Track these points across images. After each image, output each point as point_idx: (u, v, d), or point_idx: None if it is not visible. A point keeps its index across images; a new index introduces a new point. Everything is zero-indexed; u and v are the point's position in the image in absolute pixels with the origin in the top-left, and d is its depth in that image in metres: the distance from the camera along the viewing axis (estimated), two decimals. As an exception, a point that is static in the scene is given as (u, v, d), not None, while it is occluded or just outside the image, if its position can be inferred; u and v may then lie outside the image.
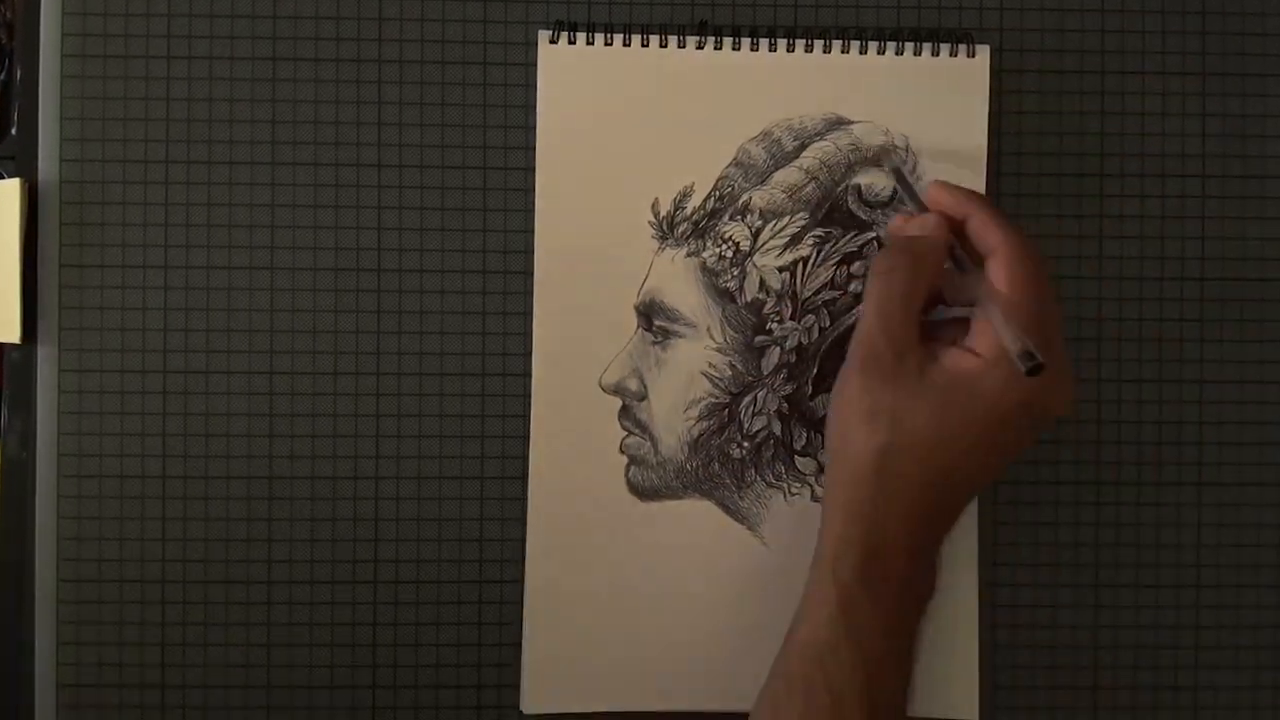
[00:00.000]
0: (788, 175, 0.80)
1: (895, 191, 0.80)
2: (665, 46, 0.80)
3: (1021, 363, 0.67)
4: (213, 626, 0.81)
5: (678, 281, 0.80)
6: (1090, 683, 0.83)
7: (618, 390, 0.80)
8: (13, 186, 0.80)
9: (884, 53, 0.80)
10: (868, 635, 0.69)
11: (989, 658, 0.82)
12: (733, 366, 0.80)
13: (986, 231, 0.72)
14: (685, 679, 0.81)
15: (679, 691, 0.81)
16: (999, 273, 0.71)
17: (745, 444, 0.80)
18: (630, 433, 0.80)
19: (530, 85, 0.80)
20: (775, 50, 0.80)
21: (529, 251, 0.80)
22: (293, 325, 0.81)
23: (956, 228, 0.74)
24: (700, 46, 0.80)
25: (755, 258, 0.80)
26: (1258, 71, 0.83)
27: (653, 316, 0.80)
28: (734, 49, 0.80)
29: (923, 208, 0.76)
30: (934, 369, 0.71)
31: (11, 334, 0.80)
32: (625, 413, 0.80)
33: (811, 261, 0.80)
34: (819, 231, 0.80)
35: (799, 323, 0.80)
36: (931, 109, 0.80)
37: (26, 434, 0.81)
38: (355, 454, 0.81)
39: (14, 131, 0.81)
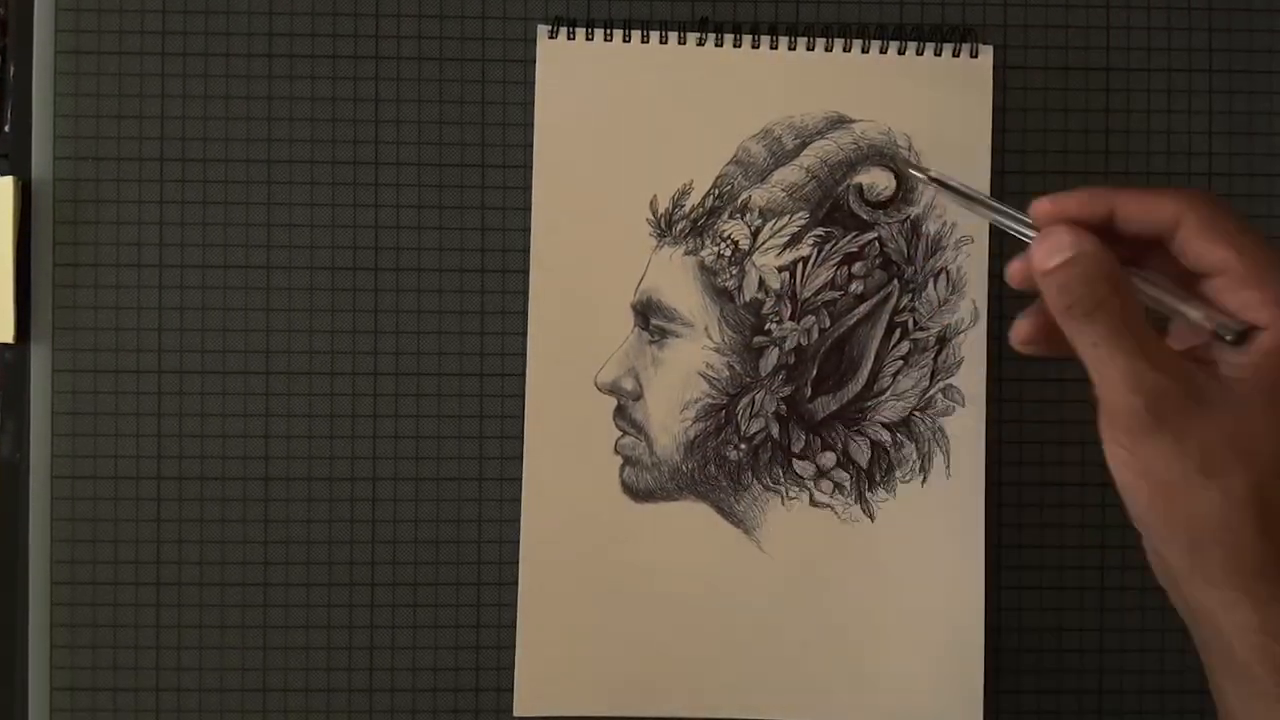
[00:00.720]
0: (788, 174, 0.79)
1: (897, 191, 0.79)
2: (665, 43, 0.79)
3: None
4: (208, 630, 0.80)
5: (675, 280, 0.79)
6: (1096, 688, 0.82)
7: (613, 389, 0.79)
8: (6, 185, 0.79)
9: (886, 50, 0.79)
10: None
11: (993, 664, 0.81)
12: (730, 367, 0.79)
13: (1152, 206, 0.60)
14: (680, 684, 0.80)
15: (674, 696, 0.80)
16: (1205, 242, 0.59)
17: (742, 446, 0.80)
18: (625, 433, 0.79)
19: (529, 82, 0.80)
20: (776, 47, 0.79)
21: (527, 250, 0.80)
22: (289, 325, 0.80)
23: (1100, 228, 0.62)
24: (701, 43, 0.79)
25: (754, 257, 0.79)
26: (1266, 69, 0.82)
27: (650, 315, 0.79)
28: (735, 46, 0.79)
29: (1027, 224, 0.64)
30: (1228, 371, 0.59)
31: (4, 333, 0.79)
32: (620, 412, 0.79)
33: (811, 261, 0.79)
34: (819, 231, 0.79)
35: (798, 323, 0.79)
36: (934, 107, 0.79)
37: (19, 435, 0.81)
38: (351, 455, 0.81)
39: (7, 129, 0.81)
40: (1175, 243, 0.60)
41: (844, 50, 0.79)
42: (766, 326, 0.79)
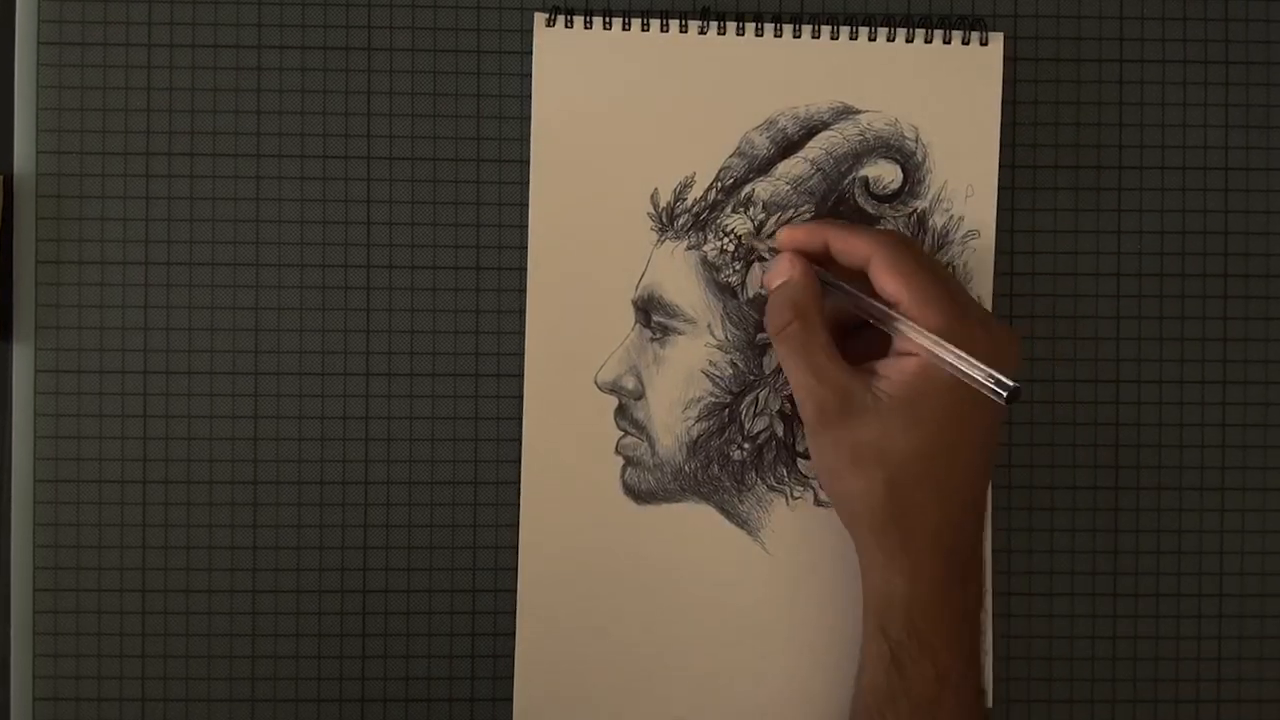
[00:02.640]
0: (792, 166, 0.78)
1: (904, 184, 0.78)
2: (666, 31, 0.78)
3: (999, 396, 0.66)
4: (195, 637, 0.79)
5: (677, 276, 0.78)
6: (1108, 696, 0.81)
7: (614, 388, 0.78)
8: (-13, 179, 0.78)
9: (894, 39, 0.78)
10: (920, 684, 0.70)
11: (1000, 670, 0.80)
12: (734, 365, 0.78)
13: (850, 245, 0.73)
14: (683, 689, 0.79)
15: (676, 702, 0.79)
16: (886, 278, 0.71)
17: (746, 445, 0.79)
18: (627, 433, 0.78)
19: (526, 73, 0.79)
20: (781, 36, 0.78)
21: (525, 247, 0.78)
22: (278, 324, 0.79)
23: (821, 258, 0.75)
24: (703, 31, 0.78)
25: (758, 252, 0.78)
26: (1282, 60, 0.81)
27: (651, 312, 0.78)
28: (738, 34, 0.78)
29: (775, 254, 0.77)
30: (883, 387, 0.71)
31: (-15, 332, 0.78)
32: (622, 412, 0.78)
33: (817, 256, 0.77)
34: None
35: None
36: (942, 98, 0.78)
37: (1, 436, 0.79)
38: (343, 458, 0.79)
39: (-12, 123, 0.80)
40: (869, 275, 0.72)
41: (850, 38, 0.78)
42: None
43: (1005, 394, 0.66)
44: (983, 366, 0.67)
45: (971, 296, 0.75)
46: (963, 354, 0.67)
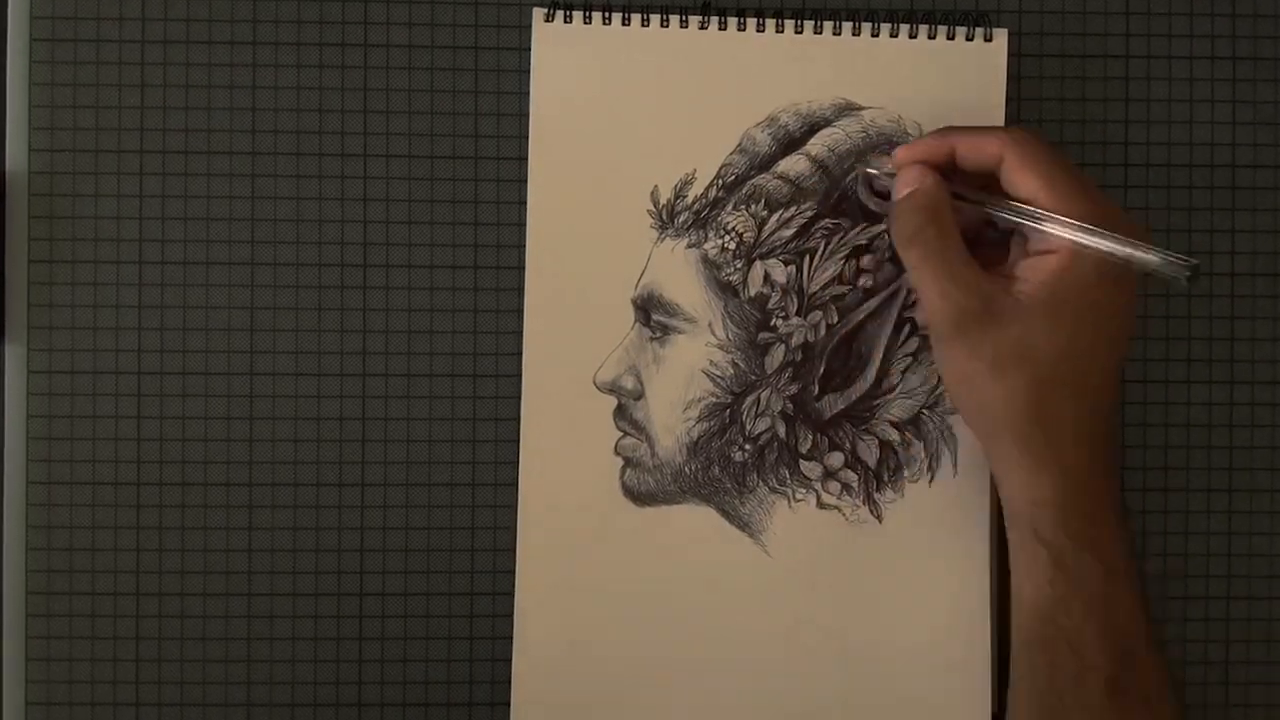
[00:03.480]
0: (794, 163, 0.77)
1: None
2: (667, 26, 0.77)
3: (1182, 273, 0.67)
4: (190, 641, 0.79)
5: (677, 274, 0.77)
6: None
7: (613, 388, 0.78)
8: (-21, 178, 0.78)
9: (896, 35, 0.78)
10: (1089, 582, 0.69)
11: (1002, 670, 0.78)
12: (735, 364, 0.78)
13: (979, 146, 0.72)
14: (683, 693, 0.78)
15: (677, 707, 0.78)
16: (1023, 175, 0.70)
17: (747, 446, 0.78)
18: (626, 433, 0.78)
19: (524, 70, 0.78)
20: (782, 31, 0.77)
21: (523, 246, 0.78)
22: (274, 324, 0.79)
23: (946, 167, 0.73)
24: (704, 27, 0.77)
25: (759, 250, 0.77)
26: (1291, 56, 0.81)
27: (651, 311, 0.77)
28: (739, 30, 0.77)
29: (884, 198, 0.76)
30: (1023, 289, 0.70)
31: (-23, 333, 0.78)
32: (621, 412, 0.78)
33: (819, 254, 0.77)
34: (827, 223, 0.77)
35: (805, 319, 0.78)
36: (946, 95, 0.78)
37: (-7, 438, 0.79)
38: (339, 460, 0.79)
39: (-20, 120, 0.79)
40: (1001, 176, 0.71)
41: (853, 34, 0.78)
42: (772, 322, 0.77)
43: (1188, 271, 0.66)
44: (1158, 248, 0.67)
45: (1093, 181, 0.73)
46: (1131, 239, 0.67)
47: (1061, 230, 0.68)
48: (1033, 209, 0.69)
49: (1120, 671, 0.68)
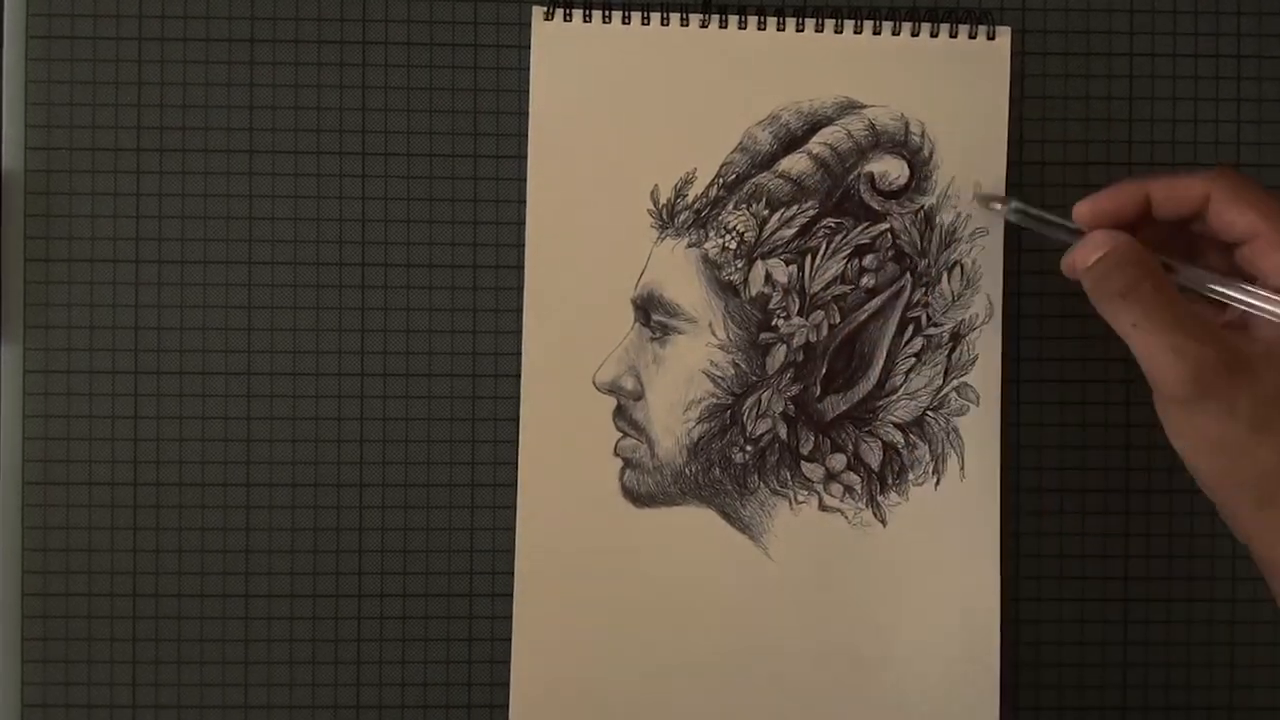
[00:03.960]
0: (796, 162, 0.77)
1: (910, 180, 0.77)
2: (667, 24, 0.77)
3: None
4: (187, 644, 0.78)
5: (678, 274, 0.77)
6: (1119, 703, 0.80)
7: (613, 389, 0.77)
8: (-26, 176, 0.77)
9: (899, 33, 0.77)
10: None
11: (1012, 679, 0.79)
12: (736, 365, 0.77)
13: (1179, 188, 0.66)
14: (683, 698, 0.78)
15: (676, 709, 0.78)
16: (1235, 211, 0.64)
17: (748, 448, 0.78)
18: (625, 434, 0.77)
19: (523, 68, 0.78)
20: (784, 29, 0.77)
21: (523, 245, 0.78)
22: (272, 324, 0.78)
23: (1130, 226, 0.68)
24: (704, 25, 0.77)
25: (761, 249, 0.77)
26: (1296, 53, 0.81)
27: (651, 311, 0.77)
28: (740, 27, 0.77)
29: (1073, 233, 0.69)
30: (1266, 332, 0.63)
31: (-27, 332, 0.78)
32: (620, 413, 0.77)
33: (821, 254, 0.77)
34: (829, 222, 0.77)
35: (807, 319, 0.77)
36: (949, 93, 0.77)
37: (-11, 438, 0.79)
38: (337, 460, 0.79)
39: (-24, 118, 0.79)
40: (1208, 216, 0.65)
41: (855, 32, 0.77)
42: (773, 322, 0.77)
43: None
44: None
45: None
46: None
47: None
48: (1253, 291, 0.64)
49: None
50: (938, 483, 0.78)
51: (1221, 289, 0.65)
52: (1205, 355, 0.61)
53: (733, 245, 0.77)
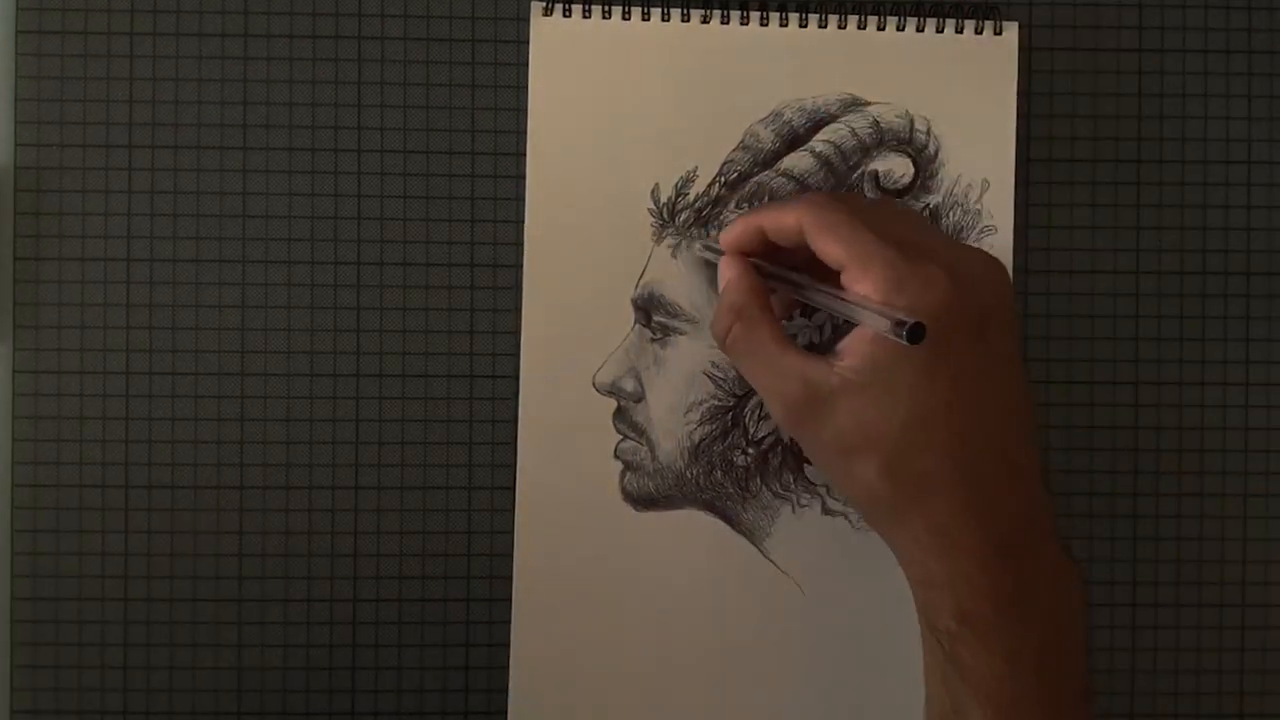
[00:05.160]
0: (799, 160, 0.77)
1: (915, 178, 0.77)
2: (667, 20, 0.76)
3: (898, 335, 0.58)
4: (179, 648, 0.78)
5: (679, 274, 0.76)
6: (1127, 710, 0.79)
7: (613, 391, 0.77)
8: (-37, 173, 0.77)
9: (904, 28, 0.77)
10: (988, 676, 0.63)
11: None
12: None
13: (780, 222, 0.68)
14: (682, 701, 0.78)
15: (675, 714, 0.78)
16: (823, 242, 0.65)
17: (750, 451, 0.77)
18: (626, 437, 0.77)
19: (521, 64, 0.77)
20: (786, 25, 0.76)
21: (521, 243, 0.77)
22: (266, 323, 0.78)
23: (768, 249, 0.70)
24: (705, 20, 0.76)
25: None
26: (1309, 49, 0.80)
27: (651, 311, 0.77)
28: (742, 23, 0.76)
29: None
30: (847, 364, 0.64)
31: (-39, 332, 0.77)
32: (620, 415, 0.77)
33: (824, 253, 0.76)
34: None
35: (810, 320, 0.77)
36: (955, 90, 0.77)
37: (-22, 440, 0.78)
38: (332, 462, 0.78)
39: (-36, 115, 0.79)
40: (810, 246, 0.66)
41: (859, 27, 0.77)
42: None
43: (905, 333, 0.58)
44: (877, 308, 0.61)
45: (939, 232, 0.74)
46: (856, 299, 0.63)
47: (820, 297, 0.66)
48: (813, 282, 0.66)
49: None
50: (942, 484, 0.77)
51: (806, 293, 0.67)
52: (787, 392, 0.65)
53: (735, 244, 0.76)
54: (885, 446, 0.63)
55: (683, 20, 0.76)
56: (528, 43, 0.76)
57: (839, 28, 0.76)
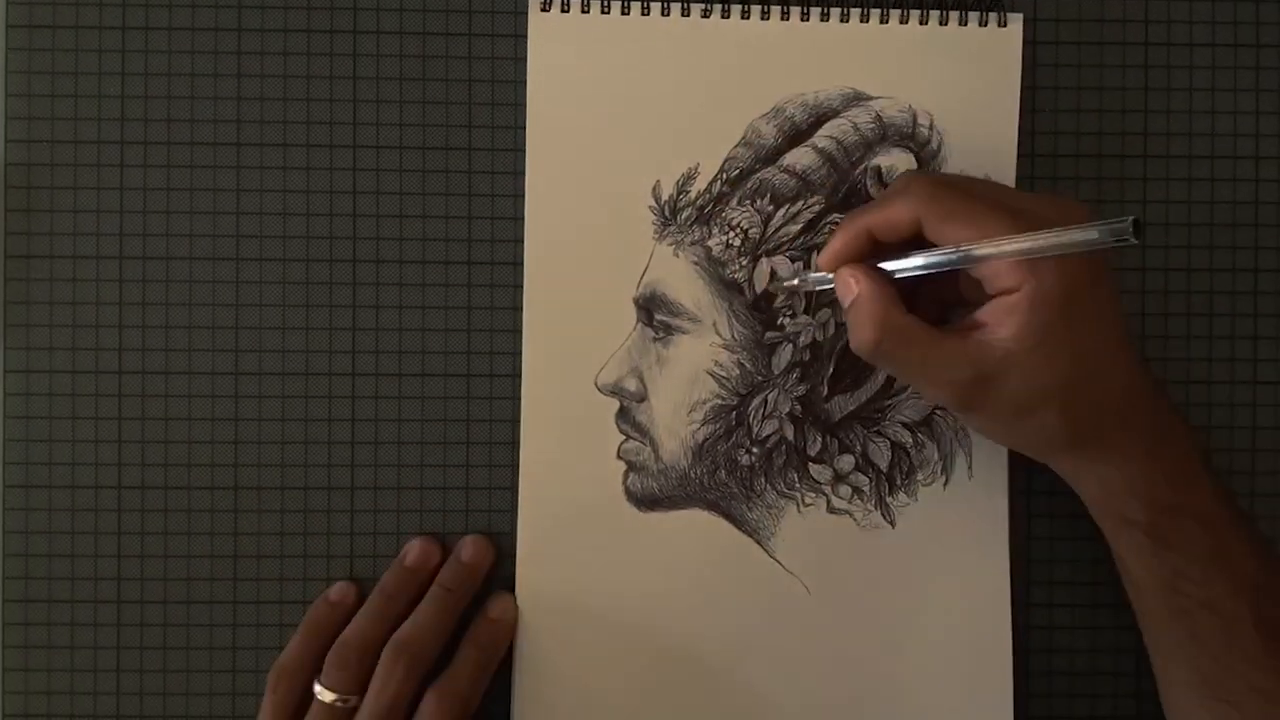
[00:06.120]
0: (801, 156, 0.76)
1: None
2: (668, 15, 0.76)
3: (1125, 237, 0.58)
4: (173, 651, 0.77)
5: (681, 272, 0.76)
6: (1134, 713, 0.78)
7: (615, 391, 0.76)
8: (-48, 170, 0.76)
9: (907, 22, 0.76)
10: (1196, 543, 0.69)
11: (1024, 686, 0.78)
12: (741, 365, 0.76)
13: (889, 220, 0.68)
14: (688, 701, 0.77)
15: (681, 715, 0.77)
16: (946, 227, 0.66)
17: (754, 450, 0.77)
18: (629, 437, 0.76)
19: (520, 59, 0.77)
20: (788, 19, 0.76)
21: (519, 241, 0.77)
22: (260, 322, 0.77)
23: (872, 249, 0.70)
24: (706, 15, 0.76)
25: (765, 246, 0.76)
26: (1318, 42, 0.79)
27: (653, 310, 0.76)
28: (743, 18, 0.76)
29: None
30: (1002, 334, 0.67)
31: (-49, 331, 0.76)
32: (623, 415, 0.76)
33: (827, 250, 0.75)
34: (835, 217, 0.76)
35: (813, 318, 0.76)
36: (959, 84, 0.76)
37: (-32, 441, 0.78)
38: (328, 463, 0.77)
39: (-48, 110, 0.78)
40: (927, 234, 0.67)
41: (861, 21, 0.76)
42: (779, 321, 0.76)
43: (1131, 230, 0.57)
44: (1090, 224, 0.60)
45: (1026, 193, 0.72)
46: (1065, 229, 0.62)
47: (1000, 251, 0.64)
48: (966, 249, 0.66)
49: (1264, 611, 0.68)
50: (946, 482, 0.78)
51: (941, 269, 0.67)
52: (957, 382, 0.67)
53: (737, 242, 0.76)
54: (1060, 395, 0.67)
55: (683, 15, 0.76)
56: (526, 38, 0.76)
57: (840, 21, 0.76)
